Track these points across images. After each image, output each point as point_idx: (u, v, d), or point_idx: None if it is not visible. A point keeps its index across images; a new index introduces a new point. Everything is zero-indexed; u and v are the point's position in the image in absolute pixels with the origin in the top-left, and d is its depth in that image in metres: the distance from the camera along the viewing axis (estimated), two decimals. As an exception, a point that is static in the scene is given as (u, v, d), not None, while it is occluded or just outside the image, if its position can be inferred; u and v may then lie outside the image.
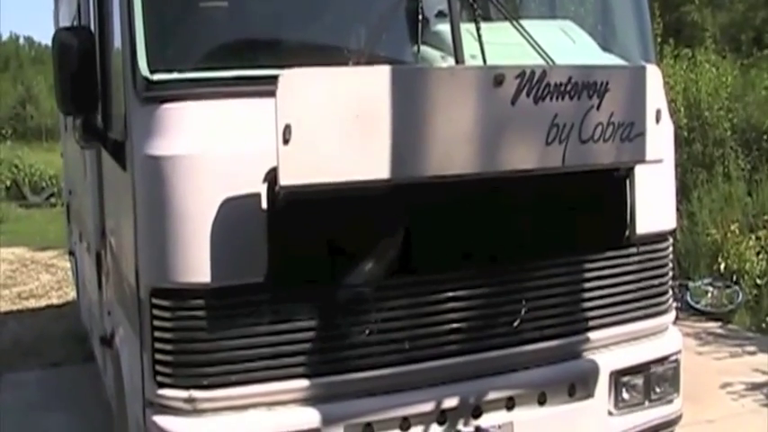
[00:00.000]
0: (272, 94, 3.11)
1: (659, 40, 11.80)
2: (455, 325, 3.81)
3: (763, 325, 9.12)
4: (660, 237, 4.34)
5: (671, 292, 4.44)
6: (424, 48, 3.82)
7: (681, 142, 10.90)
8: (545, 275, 3.99)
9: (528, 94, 3.41)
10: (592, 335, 4.13)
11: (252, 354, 3.52)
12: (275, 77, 3.12)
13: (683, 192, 10.63)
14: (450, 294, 3.80)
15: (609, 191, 4.05)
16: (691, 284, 9.73)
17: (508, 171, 3.44)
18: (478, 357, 3.85)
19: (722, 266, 9.84)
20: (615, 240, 4.14)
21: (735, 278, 9.70)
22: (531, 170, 3.49)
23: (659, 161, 3.86)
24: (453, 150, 3.33)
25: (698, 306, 9.51)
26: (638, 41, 4.60)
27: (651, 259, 4.30)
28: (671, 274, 4.43)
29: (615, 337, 4.22)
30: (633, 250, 4.21)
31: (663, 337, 4.43)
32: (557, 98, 3.46)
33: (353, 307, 3.64)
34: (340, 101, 3.20)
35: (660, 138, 3.79)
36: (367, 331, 3.66)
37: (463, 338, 3.82)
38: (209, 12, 3.93)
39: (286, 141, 3.12)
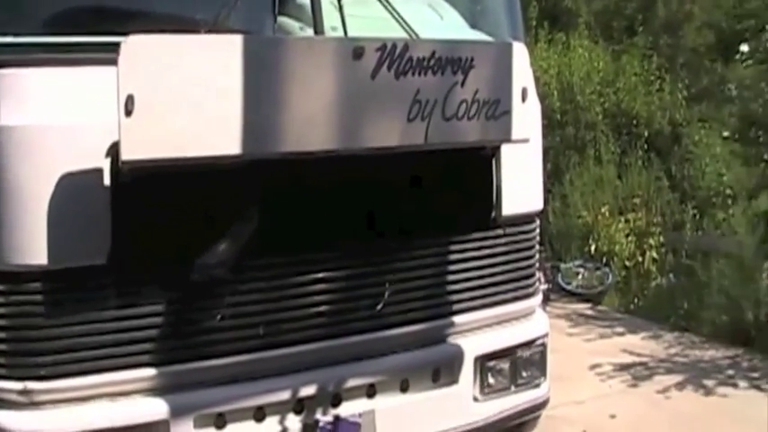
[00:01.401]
0: (116, 62, 2.87)
1: (534, 23, 11.97)
2: (314, 309, 3.64)
3: (632, 306, 9.38)
4: (527, 218, 4.26)
5: (537, 274, 4.37)
6: (282, 19, 3.63)
7: (554, 125, 11.15)
8: (409, 257, 3.86)
9: (389, 69, 3.25)
10: (457, 318, 4.02)
11: (93, 341, 3.28)
12: (119, 44, 2.88)
13: (556, 174, 10.92)
14: (309, 277, 3.62)
15: (474, 171, 3.93)
16: (562, 266, 9.94)
17: (368, 148, 3.28)
18: (338, 343, 3.69)
19: (593, 248, 10.07)
20: (481, 222, 4.04)
21: (605, 260, 9.93)
22: (393, 148, 3.33)
23: (525, 140, 3.75)
24: (310, 126, 3.15)
25: (569, 287, 9.72)
26: (506, 20, 4.50)
27: (518, 241, 4.21)
28: (538, 256, 4.36)
29: (481, 320, 4.13)
30: (500, 232, 4.12)
31: (529, 320, 4.36)
32: (419, 73, 3.31)
33: (205, 290, 3.43)
34: (188, 71, 2.97)
35: (527, 117, 3.69)
36: (219, 316, 3.46)
37: (322, 323, 3.66)
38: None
39: (128, 113, 2.88)
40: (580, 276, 9.81)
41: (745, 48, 13.53)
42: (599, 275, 9.78)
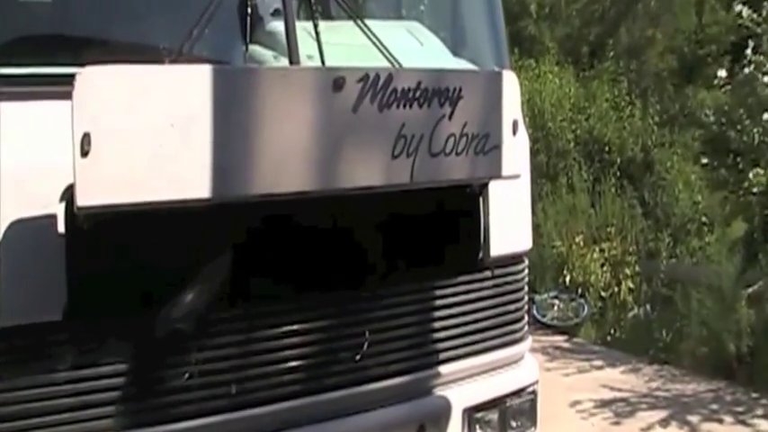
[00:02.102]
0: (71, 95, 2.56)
1: (504, 49, 11.76)
2: (289, 363, 3.34)
3: (608, 338, 9.18)
4: (516, 259, 4.01)
5: (526, 317, 4.10)
6: (255, 47, 3.34)
7: None
8: (390, 305, 3.58)
9: (372, 101, 2.97)
10: (443, 368, 3.74)
11: (47, 406, 2.95)
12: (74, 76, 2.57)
13: None
14: (284, 329, 3.32)
15: (461, 209, 3.67)
16: (537, 297, 9.67)
17: (349, 189, 3.00)
18: (316, 400, 3.39)
19: (567, 279, 9.85)
20: (468, 264, 3.77)
21: (580, 291, 9.72)
22: (375, 188, 3.05)
23: (516, 176, 3.49)
24: (285, 165, 2.86)
25: (544, 320, 9.51)
26: (490, 45, 4.26)
27: (507, 283, 3.96)
28: (526, 298, 4.09)
29: (468, 369, 3.85)
30: (487, 274, 3.86)
31: (519, 366, 4.11)
32: (404, 106, 3.04)
33: (171, 346, 3.12)
34: (151, 105, 2.67)
35: (517, 151, 3.43)
36: (187, 374, 3.14)
37: (298, 378, 3.36)
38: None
39: (84, 153, 2.57)
40: (555, 308, 9.61)
41: (722, 73, 13.49)
42: (574, 307, 9.59)
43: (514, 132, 3.37)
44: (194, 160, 2.73)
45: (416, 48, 3.91)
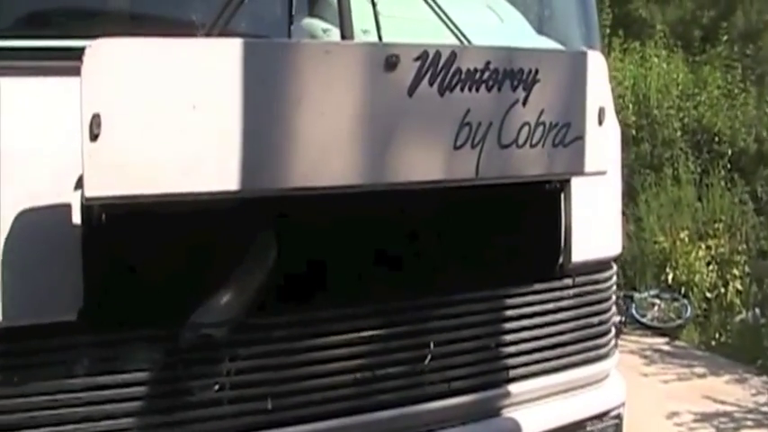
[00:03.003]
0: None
1: (608, 31, 11.34)
2: (334, 378, 2.95)
3: (713, 343, 8.66)
4: (602, 265, 3.53)
5: (613, 331, 3.63)
6: (303, 20, 2.98)
7: (628, 141, 10.49)
8: (456, 314, 3.15)
9: (431, 83, 2.57)
10: (513, 387, 3.30)
11: (59, 415, 2.63)
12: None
13: (630, 195, 10.16)
14: (328, 339, 2.93)
15: (538, 209, 3.25)
16: (636, 296, 9.26)
17: (402, 183, 2.60)
18: (365, 419, 3.00)
19: (670, 277, 9.40)
20: (545, 270, 3.33)
21: (683, 291, 9.25)
22: (433, 182, 2.65)
23: (602, 173, 3.04)
24: (327, 155, 2.48)
25: (643, 320, 9.06)
26: (579, 24, 3.81)
27: (590, 293, 3.48)
28: (614, 309, 3.62)
29: (543, 389, 3.40)
30: (567, 282, 3.40)
31: (602, 386, 3.61)
32: (470, 89, 2.62)
33: (201, 354, 2.76)
34: (171, 84, 2.32)
35: (604, 143, 3.00)
36: (217, 386, 2.80)
37: (345, 395, 2.97)
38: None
39: (94, 137, 2.24)
40: (656, 308, 9.11)
41: None
42: (676, 307, 9.08)
43: (601, 122, 2.93)
44: (222, 147, 2.37)
45: (495, 24, 3.50)
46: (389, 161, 2.57)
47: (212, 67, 2.37)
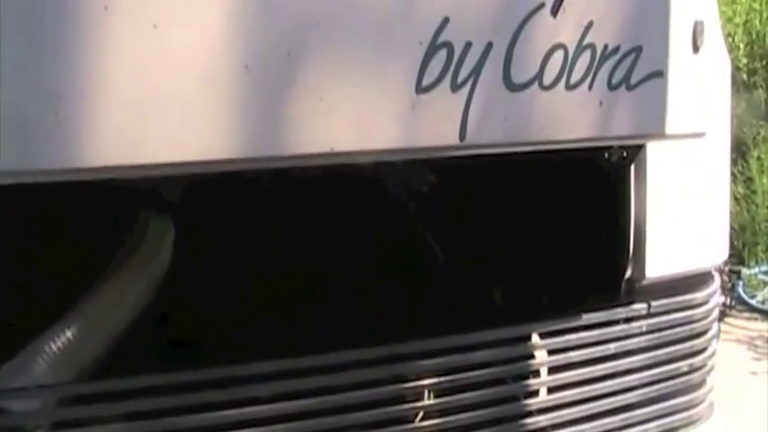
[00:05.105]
0: None
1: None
2: None
3: (840, 333, 7.66)
4: (696, 280, 2.42)
5: (712, 378, 2.44)
6: None
7: (739, 87, 9.40)
8: (464, 365, 2.09)
9: None
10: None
11: None
12: None
13: (739, 150, 9.14)
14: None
15: (586, 197, 2.25)
16: (744, 272, 8.37)
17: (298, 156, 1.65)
18: None
19: (787, 249, 8.57)
20: (601, 290, 2.28)
21: (803, 266, 8.38)
22: (368, 153, 1.69)
23: (699, 134, 2.06)
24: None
25: (752, 302, 8.18)
26: None
27: (675, 324, 2.35)
28: (714, 346, 2.42)
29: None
30: (640, 308, 2.30)
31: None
32: None
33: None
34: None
35: (701, 83, 2.02)
36: None
37: None
38: None
39: None
40: (768, 288, 8.46)
41: None
42: (795, 287, 8.37)
43: (696, 47, 1.95)
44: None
45: None
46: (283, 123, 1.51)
47: None
